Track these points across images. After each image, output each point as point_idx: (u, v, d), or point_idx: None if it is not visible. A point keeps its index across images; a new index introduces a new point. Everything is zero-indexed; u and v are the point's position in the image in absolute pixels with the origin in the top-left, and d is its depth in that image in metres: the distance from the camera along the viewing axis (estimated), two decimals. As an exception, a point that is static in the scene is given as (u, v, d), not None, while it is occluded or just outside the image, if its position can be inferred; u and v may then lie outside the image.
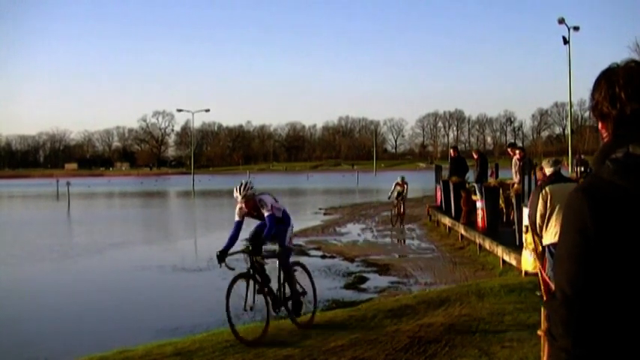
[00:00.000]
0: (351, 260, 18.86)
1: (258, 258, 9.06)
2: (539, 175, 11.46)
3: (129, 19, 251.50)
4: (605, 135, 2.11)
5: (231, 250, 9.16)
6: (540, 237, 8.38)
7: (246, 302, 8.96)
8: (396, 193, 27.38)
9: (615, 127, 2.06)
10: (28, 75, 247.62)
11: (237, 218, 9.35)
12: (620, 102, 2.03)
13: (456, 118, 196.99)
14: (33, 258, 21.21)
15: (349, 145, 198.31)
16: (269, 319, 8.95)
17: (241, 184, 9.15)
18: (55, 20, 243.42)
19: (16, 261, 20.69)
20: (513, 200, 16.34)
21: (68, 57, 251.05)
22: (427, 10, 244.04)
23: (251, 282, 9.01)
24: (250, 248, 9.06)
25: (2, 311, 13.94)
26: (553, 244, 8.07)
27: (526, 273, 12.53)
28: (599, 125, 2.12)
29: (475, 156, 21.68)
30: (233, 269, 9.03)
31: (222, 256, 9.07)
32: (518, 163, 17.32)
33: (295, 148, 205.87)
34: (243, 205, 9.15)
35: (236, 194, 9.13)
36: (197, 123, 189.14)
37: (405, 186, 27.45)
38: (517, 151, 18.05)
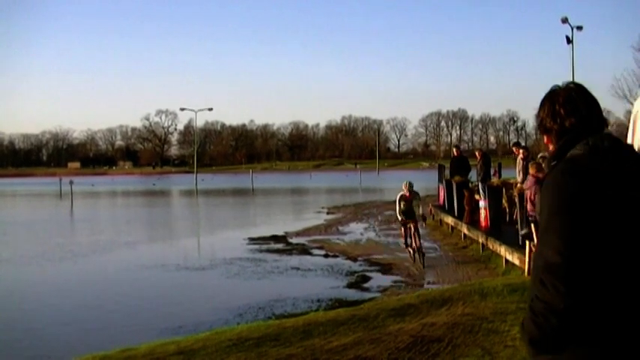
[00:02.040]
0: (354, 259, 18.86)
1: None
2: (531, 171, 11.47)
3: (132, 17, 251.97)
4: (550, 147, 2.56)
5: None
6: None
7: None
8: (401, 210, 17.27)
9: (558, 138, 2.50)
10: (31, 73, 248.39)
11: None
12: (560, 117, 2.49)
13: (459, 118, 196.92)
14: (36, 258, 21.23)
15: (352, 145, 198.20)
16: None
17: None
18: (59, 18, 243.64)
19: (20, 261, 20.72)
20: (516, 199, 16.32)
21: (71, 55, 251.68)
22: (430, 9, 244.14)
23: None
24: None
25: (6, 310, 13.97)
26: None
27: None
28: (545, 139, 2.58)
29: (478, 156, 21.67)
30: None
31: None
32: (522, 162, 17.31)
33: (298, 147, 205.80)
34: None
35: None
36: (200, 122, 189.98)
37: (417, 197, 17.68)
38: (521, 151, 18.05)
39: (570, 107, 2.47)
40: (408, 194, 17.14)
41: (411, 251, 17.48)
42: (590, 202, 2.25)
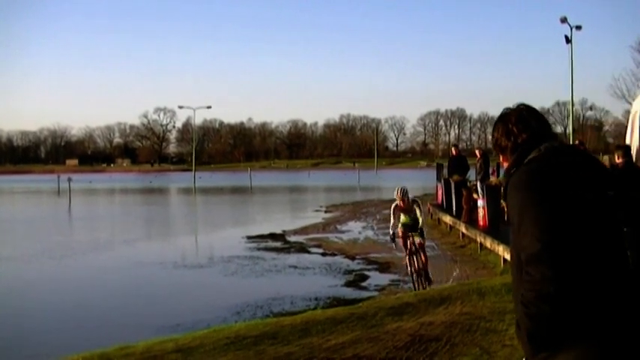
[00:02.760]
0: (352, 258, 18.86)
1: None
2: None
3: (131, 15, 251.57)
4: (504, 164, 2.81)
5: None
6: None
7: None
8: (399, 222, 13.64)
9: (512, 153, 2.73)
10: (29, 71, 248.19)
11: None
12: (514, 135, 2.74)
13: (458, 117, 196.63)
14: (36, 256, 21.21)
15: (350, 143, 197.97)
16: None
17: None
18: (57, 16, 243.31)
19: (20, 259, 20.70)
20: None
21: (70, 53, 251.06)
22: (429, 8, 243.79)
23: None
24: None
25: (4, 308, 13.95)
26: None
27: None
28: (501, 158, 2.84)
29: (478, 154, 21.68)
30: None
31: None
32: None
33: (296, 146, 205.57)
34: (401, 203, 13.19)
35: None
36: (198, 120, 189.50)
37: (415, 207, 13.39)
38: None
39: (522, 125, 2.73)
40: (402, 203, 13.33)
41: (416, 277, 13.64)
42: (555, 194, 2.45)
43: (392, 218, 13.59)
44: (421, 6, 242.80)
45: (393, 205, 13.53)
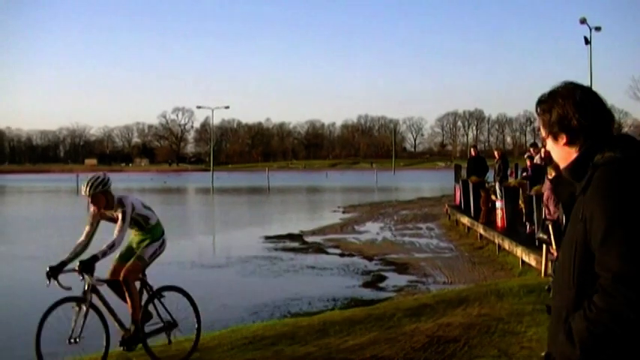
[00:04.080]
0: (370, 259, 18.85)
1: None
2: (550, 174, 11.41)
3: (149, 15, 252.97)
4: (565, 149, 2.37)
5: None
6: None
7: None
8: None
9: (586, 137, 2.30)
10: (49, 70, 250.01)
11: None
12: (591, 113, 2.31)
13: (476, 118, 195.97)
14: (54, 254, 21.33)
15: (368, 144, 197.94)
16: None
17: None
18: (76, 15, 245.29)
19: (37, 258, 20.86)
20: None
21: (89, 52, 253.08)
22: (447, 9, 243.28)
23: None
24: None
25: (22, 306, 14.06)
26: None
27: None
28: (564, 139, 2.34)
29: (497, 155, 21.63)
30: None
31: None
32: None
33: (314, 146, 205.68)
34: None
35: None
36: (216, 120, 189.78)
37: (119, 210, 7.88)
38: (542, 150, 17.98)
39: (596, 103, 2.36)
40: (96, 205, 7.70)
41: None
42: None
43: (85, 231, 7.88)
44: (440, 7, 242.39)
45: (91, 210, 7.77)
